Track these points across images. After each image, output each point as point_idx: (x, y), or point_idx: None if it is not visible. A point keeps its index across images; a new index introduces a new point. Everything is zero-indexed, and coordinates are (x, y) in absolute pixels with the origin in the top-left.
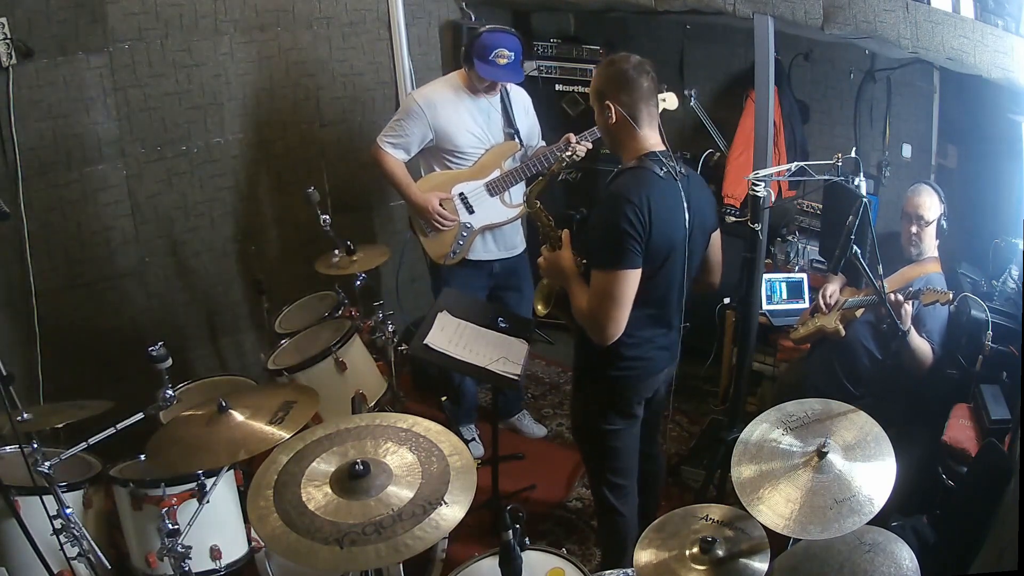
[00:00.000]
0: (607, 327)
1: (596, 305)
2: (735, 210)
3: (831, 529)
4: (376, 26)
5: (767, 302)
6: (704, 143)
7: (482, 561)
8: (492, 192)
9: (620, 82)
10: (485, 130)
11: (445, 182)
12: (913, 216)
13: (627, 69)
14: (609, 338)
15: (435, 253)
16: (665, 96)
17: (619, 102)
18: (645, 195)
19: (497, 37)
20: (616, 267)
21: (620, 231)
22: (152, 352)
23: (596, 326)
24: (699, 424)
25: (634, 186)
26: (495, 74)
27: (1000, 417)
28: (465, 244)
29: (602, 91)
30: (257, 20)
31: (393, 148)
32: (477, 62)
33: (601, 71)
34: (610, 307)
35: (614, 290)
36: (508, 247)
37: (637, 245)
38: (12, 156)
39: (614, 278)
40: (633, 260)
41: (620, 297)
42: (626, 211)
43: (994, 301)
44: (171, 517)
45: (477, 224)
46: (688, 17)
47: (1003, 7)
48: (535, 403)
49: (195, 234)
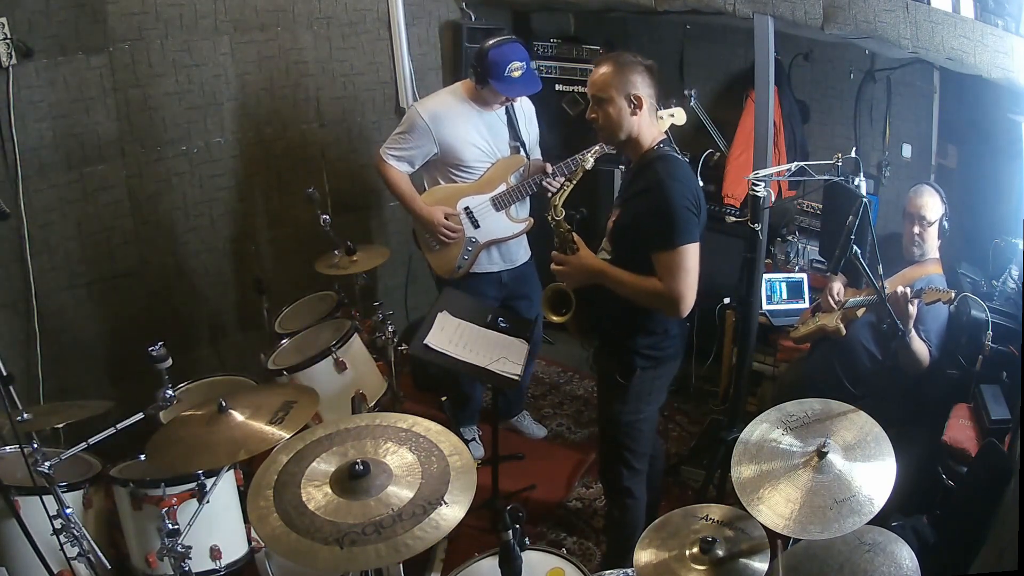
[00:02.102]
0: (687, 297)
1: (674, 281)
2: (735, 210)
3: (831, 529)
4: (376, 26)
5: (767, 302)
6: (704, 143)
7: (482, 561)
8: (498, 207)
9: (640, 73)
10: (491, 143)
11: (450, 196)
12: (915, 217)
13: (641, 62)
14: (688, 308)
15: (440, 268)
16: (674, 111)
17: (643, 92)
18: (688, 175)
19: (505, 51)
20: (684, 242)
21: (681, 208)
22: (152, 352)
23: (676, 300)
24: (699, 424)
25: (678, 169)
26: (514, 90)
27: (1000, 417)
28: (470, 258)
29: (622, 84)
30: (257, 20)
31: (397, 161)
32: (493, 82)
33: (615, 67)
34: (687, 279)
35: (687, 263)
36: (513, 258)
37: (695, 219)
38: (12, 156)
39: (684, 253)
40: (694, 234)
41: (692, 268)
42: (682, 191)
43: (994, 301)
44: (171, 517)
45: (482, 239)
46: (688, 17)
47: (1003, 7)
48: (535, 403)
49: (195, 234)
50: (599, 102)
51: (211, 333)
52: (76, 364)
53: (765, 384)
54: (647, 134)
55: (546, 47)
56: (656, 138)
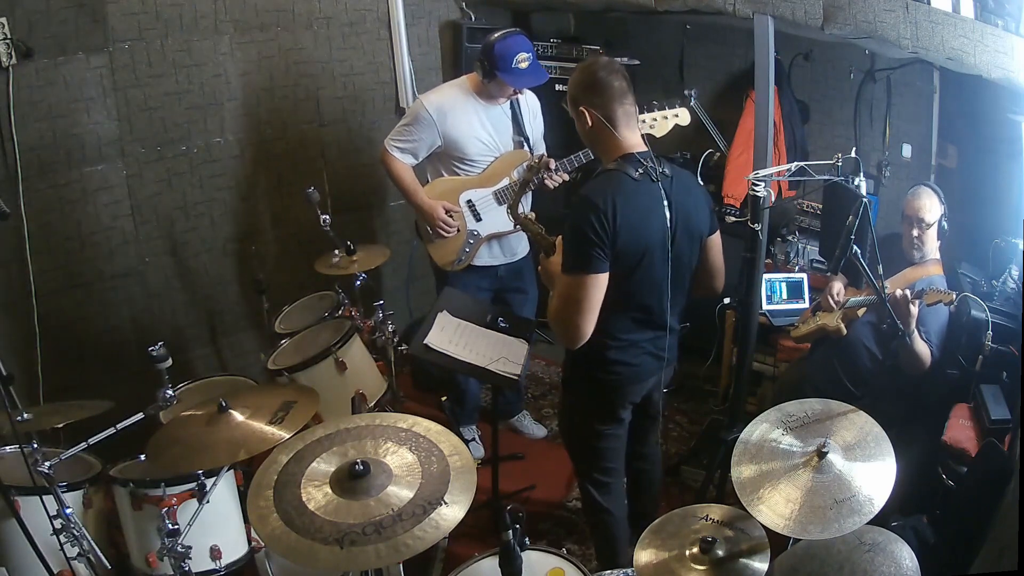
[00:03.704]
0: (571, 331)
1: (561, 308)
2: (735, 210)
3: (831, 529)
4: (376, 26)
5: (767, 302)
6: (704, 143)
7: (482, 561)
8: (500, 201)
9: (591, 85)
10: (494, 137)
11: (453, 189)
12: (914, 219)
13: (596, 71)
14: (575, 341)
15: (441, 259)
16: (678, 111)
17: (592, 105)
18: (611, 199)
19: (511, 43)
20: (579, 271)
21: (583, 236)
22: (152, 352)
23: (562, 329)
24: (699, 424)
25: (601, 190)
26: (523, 81)
27: (1000, 417)
28: (471, 251)
29: (575, 97)
30: (257, 20)
31: (401, 153)
32: (501, 74)
33: (572, 78)
34: (574, 311)
35: (578, 294)
36: (512, 252)
37: (600, 251)
38: (12, 156)
39: (577, 282)
40: (596, 265)
41: (584, 301)
42: (589, 216)
43: (994, 301)
44: (171, 517)
45: (484, 232)
46: (688, 17)
47: (1003, 7)
48: (535, 403)
49: (195, 234)
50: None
51: (211, 333)
52: (76, 364)
53: (765, 384)
54: (606, 147)
55: (546, 47)
56: (620, 151)
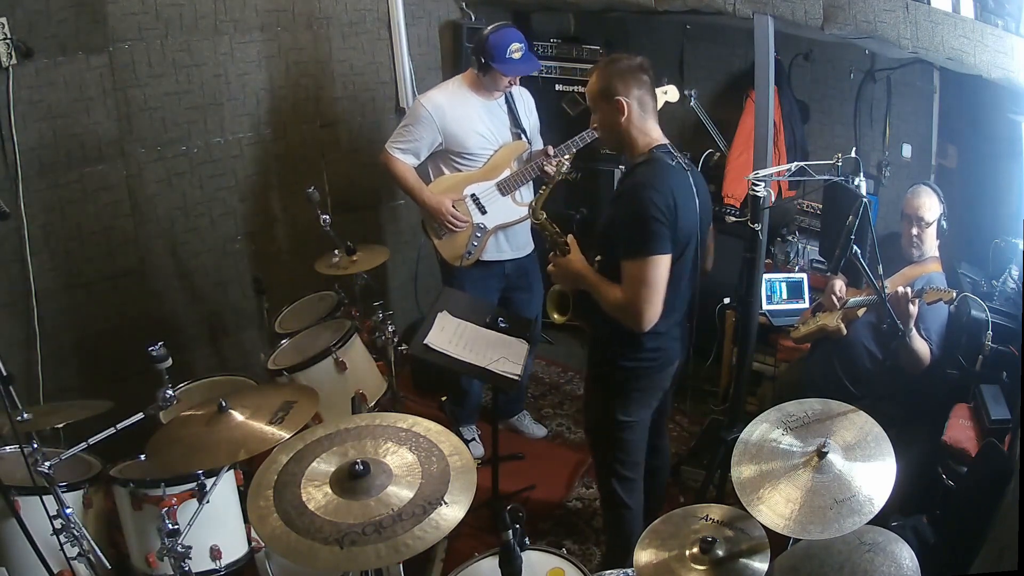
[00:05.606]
0: (646, 312)
1: (633, 293)
2: (735, 210)
3: (831, 529)
4: (376, 26)
5: (767, 302)
6: (704, 143)
7: (482, 561)
8: (503, 192)
9: (628, 76)
10: (493, 131)
11: (457, 184)
12: (913, 218)
13: (632, 64)
14: (648, 323)
15: (450, 255)
16: (667, 88)
17: (630, 96)
18: (668, 183)
19: (503, 34)
20: (650, 253)
21: (649, 218)
22: (152, 352)
23: (635, 313)
24: (699, 424)
25: (657, 176)
26: (517, 69)
27: (1000, 417)
28: (480, 245)
29: (609, 88)
30: (257, 20)
31: (403, 154)
32: (496, 65)
33: (605, 70)
34: (647, 293)
35: (649, 276)
36: (519, 247)
37: (666, 230)
38: (12, 156)
39: (648, 264)
40: (664, 245)
41: (656, 282)
42: (654, 199)
43: (994, 301)
44: (171, 517)
45: (490, 224)
46: (688, 17)
47: (1003, 7)
48: (535, 403)
49: (195, 234)
50: (592, 109)
51: (211, 333)
52: (76, 364)
53: (765, 384)
54: (639, 138)
55: (546, 47)
56: (652, 142)
